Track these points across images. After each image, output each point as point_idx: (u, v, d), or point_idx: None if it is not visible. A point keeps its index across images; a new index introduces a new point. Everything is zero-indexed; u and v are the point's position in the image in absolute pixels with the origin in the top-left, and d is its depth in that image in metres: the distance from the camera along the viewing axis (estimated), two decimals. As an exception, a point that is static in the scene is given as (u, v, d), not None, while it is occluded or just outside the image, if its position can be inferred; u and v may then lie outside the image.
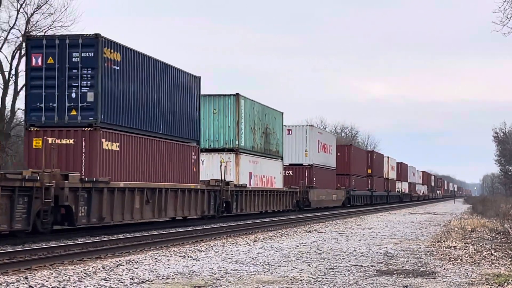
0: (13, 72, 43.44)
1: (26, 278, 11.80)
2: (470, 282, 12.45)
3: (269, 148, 40.18)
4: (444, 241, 21.27)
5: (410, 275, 13.30)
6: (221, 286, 11.59)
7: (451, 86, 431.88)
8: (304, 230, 26.57)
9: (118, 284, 11.54)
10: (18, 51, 42.42)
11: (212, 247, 18.45)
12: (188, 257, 15.88)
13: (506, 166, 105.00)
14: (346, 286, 11.76)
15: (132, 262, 14.42)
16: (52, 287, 11.05)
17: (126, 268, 13.44)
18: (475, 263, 15.40)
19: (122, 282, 11.71)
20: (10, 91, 43.98)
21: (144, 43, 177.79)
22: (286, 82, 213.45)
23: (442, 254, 17.34)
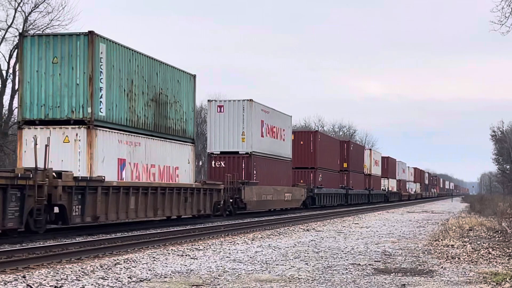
0: (10, 71, 43.52)
1: (24, 277, 11.78)
2: (468, 280, 12.46)
3: (165, 124, 27.73)
4: (441, 239, 21.28)
5: (408, 274, 13.31)
6: (219, 284, 11.58)
7: (448, 84, 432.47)
8: (302, 228, 26.60)
9: (116, 283, 11.53)
10: (16, 50, 42.46)
11: (210, 245, 18.45)
12: (186, 255, 15.88)
13: (503, 165, 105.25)
14: (344, 285, 11.77)
15: (130, 261, 14.41)
16: (50, 286, 11.03)
17: (124, 267, 13.43)
18: (472, 262, 15.42)
19: (120, 281, 11.70)
20: (8, 90, 44.10)
21: (144, 42, 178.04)
22: (283, 81, 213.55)
23: (440, 253, 17.36)
